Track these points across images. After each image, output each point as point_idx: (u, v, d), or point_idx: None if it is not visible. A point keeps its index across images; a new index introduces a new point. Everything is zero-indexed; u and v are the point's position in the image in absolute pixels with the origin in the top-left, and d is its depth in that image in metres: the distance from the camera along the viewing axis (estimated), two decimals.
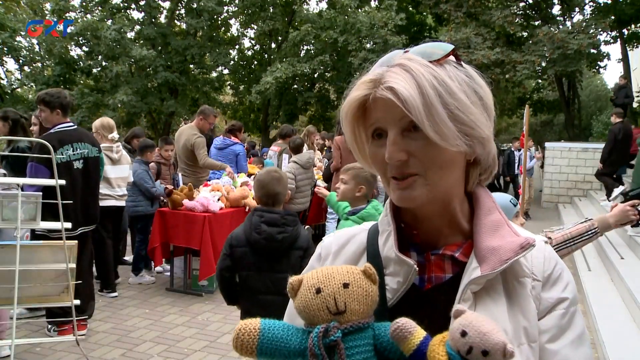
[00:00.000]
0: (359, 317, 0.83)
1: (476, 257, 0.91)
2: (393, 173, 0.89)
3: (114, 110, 20.96)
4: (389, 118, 0.87)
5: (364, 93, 0.88)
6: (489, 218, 0.95)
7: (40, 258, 3.87)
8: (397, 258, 0.93)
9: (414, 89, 0.83)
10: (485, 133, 0.89)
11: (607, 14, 17.75)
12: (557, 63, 15.81)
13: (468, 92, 0.88)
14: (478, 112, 0.88)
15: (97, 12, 22.58)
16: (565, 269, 0.97)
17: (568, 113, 20.77)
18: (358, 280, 0.84)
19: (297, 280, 0.86)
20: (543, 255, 0.96)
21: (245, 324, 0.84)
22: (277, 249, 3.19)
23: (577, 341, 0.91)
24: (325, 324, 0.81)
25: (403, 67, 0.86)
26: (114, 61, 20.99)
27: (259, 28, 23.88)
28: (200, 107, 7.37)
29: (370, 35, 19.23)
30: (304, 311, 0.84)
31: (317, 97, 23.68)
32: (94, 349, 4.68)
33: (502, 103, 22.71)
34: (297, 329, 0.85)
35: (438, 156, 0.87)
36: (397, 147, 0.86)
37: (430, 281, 0.95)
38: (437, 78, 0.85)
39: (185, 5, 23.65)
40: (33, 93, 23.05)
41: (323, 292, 0.82)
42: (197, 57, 22.75)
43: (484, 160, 0.95)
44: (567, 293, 0.93)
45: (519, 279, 0.92)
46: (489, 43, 16.72)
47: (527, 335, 0.89)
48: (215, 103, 24.83)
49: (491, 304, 0.89)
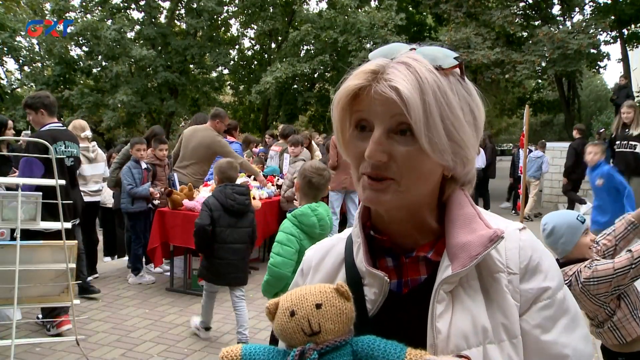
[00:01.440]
0: (335, 335, 0.83)
1: (448, 255, 0.89)
2: (368, 171, 0.87)
3: (114, 110, 20.96)
4: (380, 113, 0.84)
5: (363, 83, 0.85)
6: (459, 212, 0.93)
7: (40, 258, 3.88)
8: (368, 272, 0.92)
9: (417, 93, 0.81)
10: (471, 155, 0.89)
11: (607, 14, 17.73)
12: (557, 63, 15.80)
13: (465, 109, 0.87)
14: (470, 133, 0.87)
15: (97, 12, 22.58)
16: (544, 256, 0.93)
17: (568, 113, 20.75)
18: (331, 300, 0.84)
19: (273, 304, 0.87)
20: (518, 245, 0.92)
21: (227, 351, 0.85)
22: (243, 210, 4.76)
23: (570, 325, 0.89)
24: (301, 347, 0.82)
25: (408, 67, 0.84)
26: (114, 61, 21.00)
27: (259, 28, 23.86)
28: (215, 110, 7.37)
29: (370, 35, 19.21)
30: (281, 334, 0.85)
31: (317, 97, 23.66)
32: (94, 349, 4.68)
33: (502, 103, 22.70)
34: (278, 350, 0.87)
35: (419, 166, 0.85)
36: (380, 147, 0.84)
37: (407, 285, 0.94)
38: (440, 88, 0.83)
39: (185, 5, 23.65)
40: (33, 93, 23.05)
41: (297, 315, 0.83)
42: (197, 57, 22.74)
43: (460, 178, 0.94)
44: (548, 281, 0.90)
45: (493, 275, 0.89)
46: (489, 43, 16.70)
47: (507, 332, 0.87)
48: (215, 103, 24.84)
49: (469, 302, 0.88)
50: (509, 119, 30.82)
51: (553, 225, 2.81)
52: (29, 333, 4.97)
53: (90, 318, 5.42)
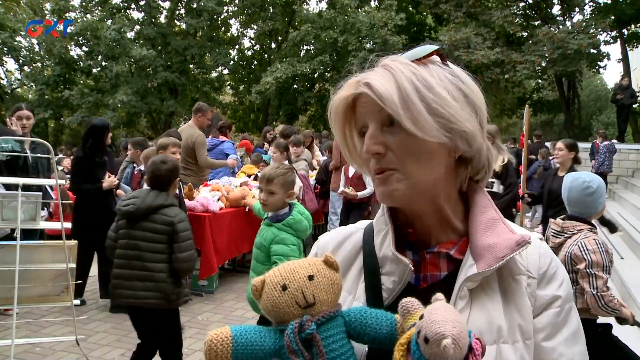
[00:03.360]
0: (328, 306, 0.83)
1: (472, 254, 0.92)
2: (374, 167, 0.92)
3: (114, 110, 20.98)
4: (368, 113, 0.91)
5: (350, 92, 0.92)
6: (484, 215, 0.95)
7: (40, 258, 3.87)
8: (394, 257, 0.93)
9: (391, 84, 0.87)
10: (467, 127, 0.89)
11: (607, 14, 17.75)
12: (557, 63, 15.82)
13: (450, 88, 0.89)
14: (458, 106, 0.89)
15: (97, 12, 22.59)
16: (561, 266, 0.97)
17: (568, 113, 20.77)
18: (322, 271, 0.85)
19: (259, 281, 0.85)
20: (538, 252, 0.96)
21: (215, 334, 0.82)
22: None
23: (571, 338, 0.92)
24: (298, 319, 0.81)
25: (384, 67, 0.90)
26: (114, 61, 21.02)
27: (259, 28, 23.88)
28: (196, 105, 7.37)
29: (370, 35, 19.23)
30: (272, 310, 0.83)
31: (317, 97, 23.67)
32: (94, 349, 4.68)
33: (502, 103, 22.71)
34: (268, 329, 0.85)
35: (415, 149, 0.88)
36: (374, 140, 0.90)
37: (425, 279, 0.96)
38: (416, 75, 0.88)
39: (185, 5, 23.67)
40: (33, 93, 23.05)
41: (289, 288, 0.82)
42: (197, 57, 22.77)
43: (475, 160, 0.95)
44: (561, 291, 0.93)
45: (514, 276, 0.93)
46: (489, 43, 16.72)
47: (522, 333, 0.89)
48: (215, 103, 24.82)
49: (487, 301, 0.90)
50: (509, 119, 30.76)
51: (597, 185, 3.15)
52: (29, 333, 4.97)
53: (90, 318, 5.42)
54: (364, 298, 0.96)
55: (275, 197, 3.40)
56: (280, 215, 3.42)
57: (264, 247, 3.39)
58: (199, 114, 7.10)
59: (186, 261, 3.53)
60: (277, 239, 3.33)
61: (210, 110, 7.47)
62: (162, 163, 3.62)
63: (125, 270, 3.48)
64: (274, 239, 3.35)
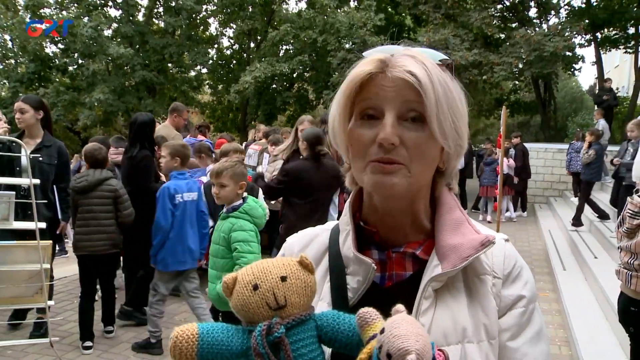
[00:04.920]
0: (300, 309, 0.81)
1: (437, 254, 0.92)
2: (379, 156, 0.87)
3: (91, 109, 20.66)
4: (392, 98, 0.86)
5: (374, 70, 0.88)
6: (450, 216, 0.96)
7: (13, 258, 3.80)
8: (355, 257, 0.94)
9: (429, 79, 0.85)
10: (465, 145, 0.92)
11: (582, 17, 18.04)
12: (533, 65, 16.00)
13: (462, 103, 0.92)
14: (465, 124, 0.91)
15: (73, 9, 22.20)
16: (525, 267, 0.98)
17: (544, 114, 21.05)
18: (295, 272, 0.82)
19: (231, 278, 0.83)
20: (503, 253, 0.97)
21: (182, 330, 0.79)
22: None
23: (535, 338, 0.93)
24: (267, 321, 0.78)
25: (414, 59, 0.88)
26: (91, 59, 20.67)
27: (238, 27, 23.76)
28: (172, 105, 7.32)
29: (349, 35, 19.25)
30: (242, 310, 0.81)
31: (296, 97, 23.63)
32: (68, 351, 4.61)
33: (479, 104, 22.94)
34: (236, 329, 0.83)
35: (427, 151, 0.88)
36: (394, 130, 0.85)
37: (391, 279, 0.96)
38: (444, 79, 0.88)
39: (164, 4, 23.42)
40: (6, 90, 22.56)
41: (261, 288, 0.80)
42: (175, 55, 22.56)
43: (448, 174, 0.98)
44: (526, 291, 0.95)
45: (479, 276, 0.94)
46: (467, 44, 16.85)
47: (487, 332, 0.90)
48: (193, 102, 24.64)
49: (452, 301, 0.91)
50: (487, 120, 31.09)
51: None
52: (1, 335, 4.88)
53: (65, 319, 5.34)
54: (329, 298, 0.96)
55: (227, 189, 3.55)
56: (236, 205, 3.56)
57: (224, 240, 3.51)
58: (175, 114, 7.06)
59: (128, 216, 4.79)
60: (236, 226, 3.47)
61: (187, 111, 7.44)
62: (99, 149, 4.82)
63: (84, 228, 4.63)
64: (232, 227, 3.47)
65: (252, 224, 3.52)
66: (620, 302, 3.44)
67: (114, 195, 4.71)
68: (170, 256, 4.55)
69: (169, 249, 4.54)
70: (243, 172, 3.63)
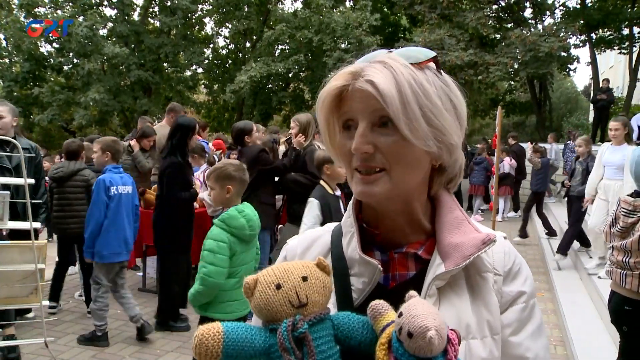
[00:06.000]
0: (320, 308, 0.85)
1: (439, 253, 0.94)
2: (357, 165, 0.91)
3: (86, 108, 20.55)
4: (362, 109, 0.89)
5: (343, 83, 0.90)
6: (450, 215, 0.98)
7: (7, 258, 3.78)
8: (361, 259, 0.95)
9: (393, 85, 0.85)
10: (454, 140, 0.92)
11: (576, 18, 18.11)
12: (528, 65, 16.06)
13: (443, 98, 0.91)
14: (450, 119, 0.91)
15: (68, 8, 22.11)
16: (524, 264, 1.01)
17: (539, 114, 21.12)
18: (315, 273, 0.86)
19: (252, 280, 0.86)
20: (503, 250, 0.99)
21: (207, 329, 0.82)
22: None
23: (536, 332, 0.96)
24: (291, 318, 0.82)
25: (384, 65, 0.89)
26: (86, 58, 20.56)
27: (234, 27, 23.70)
28: (169, 105, 7.34)
29: (344, 35, 19.28)
30: (265, 308, 0.84)
31: (291, 97, 23.63)
32: (64, 351, 4.61)
33: (475, 104, 22.97)
34: (258, 328, 0.86)
35: (405, 154, 0.89)
36: (365, 139, 0.88)
37: (394, 279, 0.97)
38: (416, 80, 0.88)
39: (159, 3, 23.36)
40: (0, 90, 22.46)
41: (284, 287, 0.83)
42: (170, 55, 22.49)
43: (450, 168, 0.98)
44: (526, 287, 0.97)
45: (481, 273, 0.96)
46: (463, 44, 16.89)
47: (491, 328, 0.92)
48: (189, 102, 24.59)
49: (455, 299, 0.92)
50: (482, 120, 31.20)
51: None
52: None
53: (60, 319, 5.33)
54: (334, 299, 0.96)
55: (214, 192, 3.43)
56: (219, 212, 3.48)
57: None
58: (172, 114, 7.07)
59: None
60: (210, 234, 3.31)
61: (184, 111, 7.43)
62: (72, 141, 5.72)
63: (60, 213, 5.47)
64: (209, 234, 3.33)
65: (229, 233, 3.28)
66: (613, 302, 3.44)
67: (87, 185, 5.44)
68: (105, 247, 4.74)
69: (104, 240, 4.73)
70: (229, 175, 3.39)
